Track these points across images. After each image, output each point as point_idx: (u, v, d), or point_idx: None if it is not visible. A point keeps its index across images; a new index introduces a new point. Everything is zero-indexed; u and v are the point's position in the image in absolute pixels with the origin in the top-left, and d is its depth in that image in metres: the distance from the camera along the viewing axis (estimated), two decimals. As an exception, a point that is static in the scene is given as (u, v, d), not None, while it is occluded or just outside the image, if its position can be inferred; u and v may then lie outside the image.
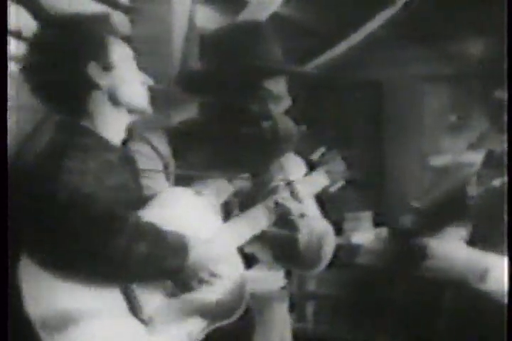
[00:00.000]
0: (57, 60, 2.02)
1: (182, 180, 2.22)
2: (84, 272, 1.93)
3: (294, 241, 2.31)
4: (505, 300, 2.20)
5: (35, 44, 2.07)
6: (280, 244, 2.32)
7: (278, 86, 2.32)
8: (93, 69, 2.02)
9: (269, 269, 2.34)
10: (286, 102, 2.35)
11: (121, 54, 2.07)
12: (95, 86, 2.03)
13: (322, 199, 2.46)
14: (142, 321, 1.99)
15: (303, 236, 2.31)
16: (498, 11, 2.38)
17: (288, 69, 2.37)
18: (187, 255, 1.99)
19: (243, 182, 2.34)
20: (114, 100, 2.06)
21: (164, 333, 2.02)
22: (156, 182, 2.22)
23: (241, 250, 2.17)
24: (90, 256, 1.90)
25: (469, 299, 2.34)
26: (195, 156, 2.31)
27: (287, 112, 2.38)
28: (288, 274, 2.43)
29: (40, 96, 2.06)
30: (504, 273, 2.23)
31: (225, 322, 2.09)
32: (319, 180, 2.34)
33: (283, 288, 2.42)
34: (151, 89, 2.14)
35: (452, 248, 2.35)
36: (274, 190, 2.26)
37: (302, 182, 2.29)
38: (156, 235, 1.96)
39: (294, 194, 2.24)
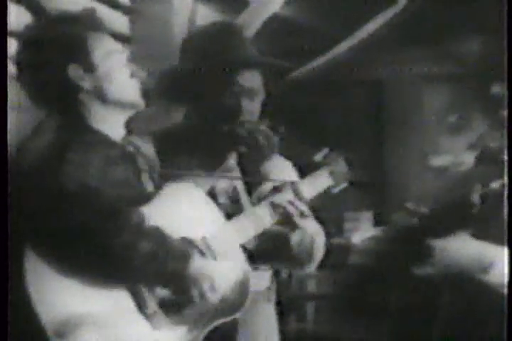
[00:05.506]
0: (43, 63, 2.01)
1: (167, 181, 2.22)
2: (89, 269, 1.92)
3: (286, 238, 2.31)
4: (505, 292, 2.22)
5: (25, 43, 2.06)
6: (272, 241, 2.32)
7: (252, 80, 2.32)
8: (74, 72, 2.01)
9: (255, 269, 2.34)
10: (261, 96, 2.35)
11: (104, 51, 2.04)
12: (79, 88, 2.02)
13: (322, 200, 2.46)
14: (147, 316, 1.99)
15: (295, 235, 2.31)
16: (498, 11, 2.38)
17: (260, 62, 2.36)
18: (188, 263, 1.99)
19: (231, 181, 2.34)
20: (103, 99, 2.04)
21: (167, 328, 2.02)
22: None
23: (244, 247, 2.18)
24: (94, 252, 1.90)
25: (468, 295, 2.35)
26: (180, 156, 2.30)
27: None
28: (275, 275, 2.42)
29: (32, 97, 2.06)
30: (504, 266, 2.25)
31: (228, 318, 2.10)
32: (322, 181, 2.33)
33: (269, 288, 2.41)
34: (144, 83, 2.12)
35: (459, 244, 2.36)
36: (277, 190, 2.25)
37: (305, 183, 2.29)
38: (159, 237, 1.96)
39: (297, 194, 2.24)
